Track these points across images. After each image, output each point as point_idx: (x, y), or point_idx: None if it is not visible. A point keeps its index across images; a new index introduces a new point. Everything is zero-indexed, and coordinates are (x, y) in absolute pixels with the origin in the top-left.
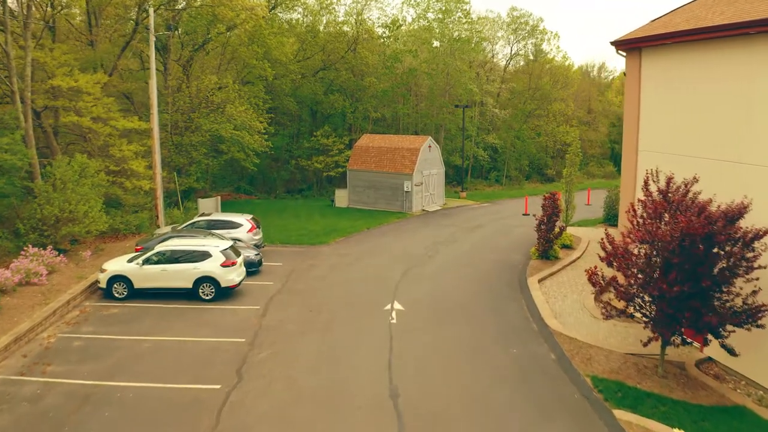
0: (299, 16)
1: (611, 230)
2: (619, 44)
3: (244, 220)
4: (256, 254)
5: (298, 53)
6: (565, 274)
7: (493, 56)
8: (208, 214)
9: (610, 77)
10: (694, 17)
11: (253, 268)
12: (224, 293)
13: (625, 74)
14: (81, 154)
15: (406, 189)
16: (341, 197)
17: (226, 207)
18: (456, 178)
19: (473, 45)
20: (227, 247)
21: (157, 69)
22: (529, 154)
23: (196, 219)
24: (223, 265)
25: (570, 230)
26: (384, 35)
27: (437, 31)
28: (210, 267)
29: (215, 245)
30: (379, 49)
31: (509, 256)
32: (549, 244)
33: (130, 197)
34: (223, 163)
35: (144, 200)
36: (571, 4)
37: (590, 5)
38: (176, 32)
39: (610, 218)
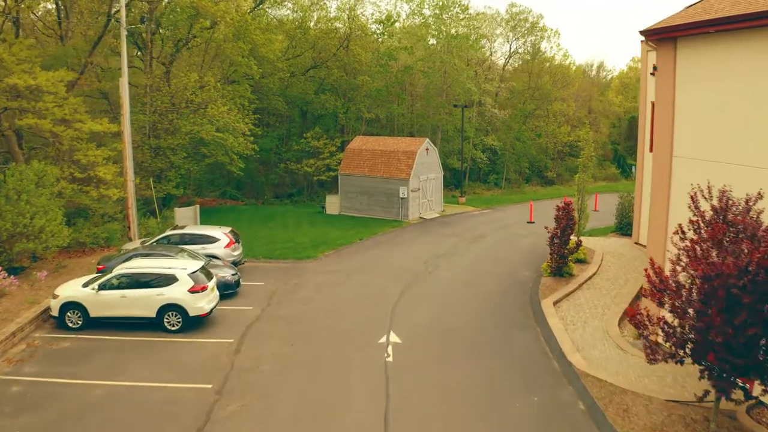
0: (288, 12)
1: (625, 241)
2: (650, 34)
3: (222, 233)
4: (233, 274)
5: (288, 51)
6: (581, 294)
7: (491, 54)
8: (183, 227)
9: (609, 77)
10: (743, 0)
11: (229, 290)
12: (193, 323)
13: (655, 68)
14: (38, 161)
15: (401, 195)
16: (332, 204)
17: (210, 214)
18: (453, 181)
19: (471, 42)
20: (197, 268)
21: (136, 67)
22: (529, 156)
23: (168, 233)
24: (192, 291)
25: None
26: (378, 32)
27: (433, 27)
28: (176, 293)
29: (183, 267)
30: (372, 47)
31: (518, 271)
32: (563, 261)
33: (99, 207)
34: (205, 167)
35: (114, 209)
36: (570, 3)
37: (588, 3)
38: (158, 29)
39: (623, 227)
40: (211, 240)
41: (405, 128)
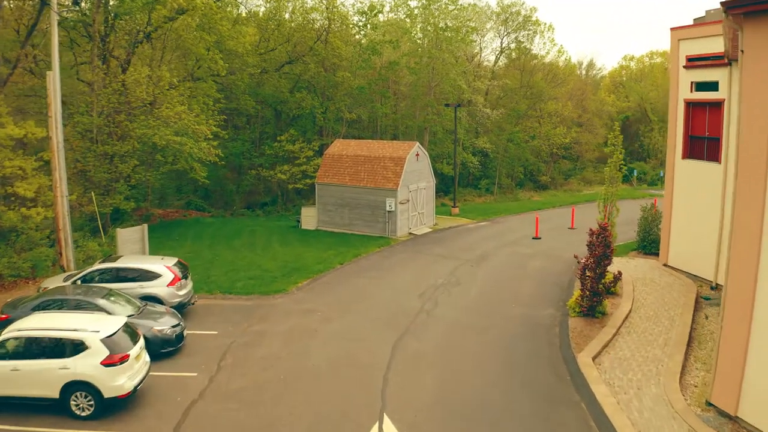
0: (261, 1)
1: (652, 263)
2: (733, 6)
3: (165, 267)
4: (174, 325)
5: (260, 44)
6: (623, 342)
7: (480, 50)
8: (117, 258)
9: (599, 75)
10: None
11: (169, 347)
12: (111, 406)
13: (690, 60)
14: None
15: (388, 208)
16: (308, 217)
17: (168, 230)
18: (442, 187)
19: (462, 35)
20: (116, 329)
21: (85, 62)
22: (523, 159)
23: (97, 266)
24: (107, 363)
25: None
26: (360, 23)
27: (420, 19)
28: (85, 366)
29: (95, 329)
30: (354, 40)
31: (537, 309)
32: (598, 298)
33: (26, 228)
34: (164, 175)
35: (45, 231)
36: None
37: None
38: (114, 18)
39: (647, 245)
40: (150, 276)
41: (389, 130)
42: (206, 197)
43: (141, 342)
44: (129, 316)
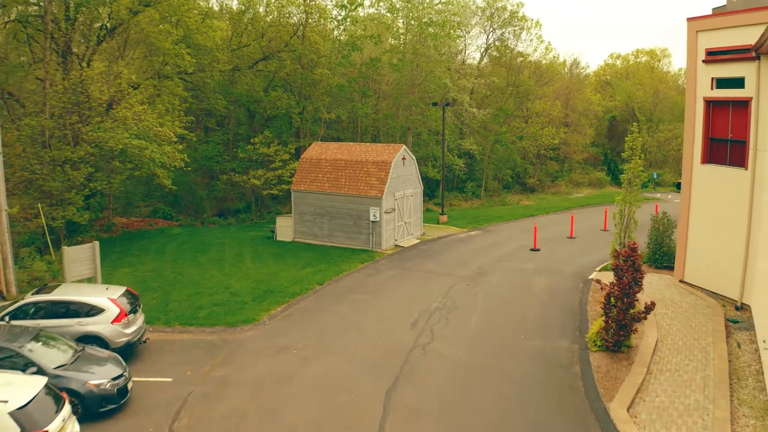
0: None
1: (666, 278)
2: None
3: (108, 300)
4: (116, 377)
5: (232, 39)
6: (657, 384)
7: (465, 47)
8: (53, 288)
9: (582, 74)
10: None
11: (109, 405)
12: None
13: (710, 54)
14: None
15: (372, 218)
16: (284, 228)
17: (129, 243)
18: (427, 192)
19: (447, 31)
20: (33, 396)
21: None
22: (511, 161)
23: (28, 299)
24: None
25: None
26: (339, 17)
27: (403, 14)
28: None
29: (2, 398)
30: (333, 35)
31: (550, 341)
32: (626, 332)
33: None
34: (125, 181)
35: None
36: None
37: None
38: (73, 12)
39: (659, 258)
40: (91, 311)
41: (370, 131)
42: (175, 204)
43: (66, 409)
44: (58, 366)
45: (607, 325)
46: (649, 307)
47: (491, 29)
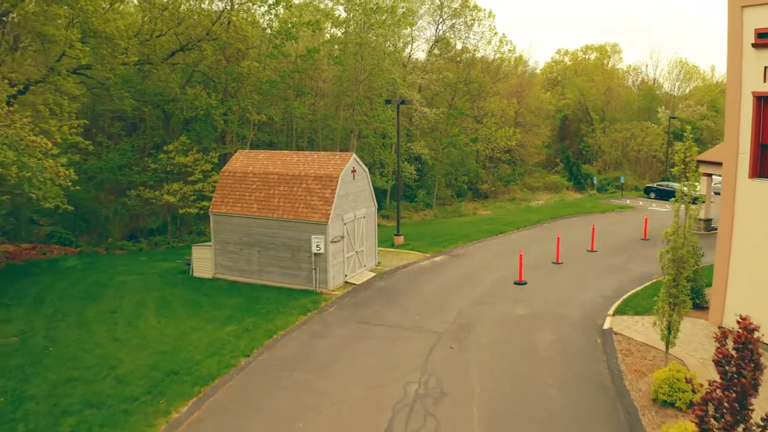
0: None
1: (701, 323)
2: None
3: None
4: None
5: (143, 27)
6: None
7: (413, 39)
8: None
9: (527, 72)
10: None
11: None
12: None
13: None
14: None
15: (316, 249)
16: (202, 261)
17: (6, 283)
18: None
19: (398, 17)
20: None
21: None
22: (466, 166)
23: None
24: None
25: (638, 334)
26: (271, 1)
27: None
28: None
29: None
30: (263, 22)
31: None
32: None
33: None
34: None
35: None
36: None
37: None
38: None
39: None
40: None
41: (306, 133)
42: (76, 226)
43: None
44: None
45: None
46: None
47: (441, 20)
